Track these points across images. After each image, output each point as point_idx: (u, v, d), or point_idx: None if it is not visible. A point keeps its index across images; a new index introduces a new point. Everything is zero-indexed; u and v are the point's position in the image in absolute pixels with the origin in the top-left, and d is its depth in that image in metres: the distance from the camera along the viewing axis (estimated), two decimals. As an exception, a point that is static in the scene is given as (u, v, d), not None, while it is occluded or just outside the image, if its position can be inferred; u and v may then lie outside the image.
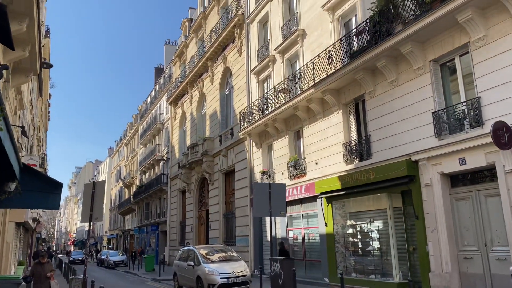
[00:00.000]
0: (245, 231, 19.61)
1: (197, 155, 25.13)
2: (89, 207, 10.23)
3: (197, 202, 27.48)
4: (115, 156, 67.70)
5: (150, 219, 39.32)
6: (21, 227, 17.08)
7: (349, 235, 13.44)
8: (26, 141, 17.79)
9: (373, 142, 12.44)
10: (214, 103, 25.32)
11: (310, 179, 15.08)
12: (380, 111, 12.24)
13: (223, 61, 23.98)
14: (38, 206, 9.49)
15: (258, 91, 19.83)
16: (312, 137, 15.33)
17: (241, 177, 20.73)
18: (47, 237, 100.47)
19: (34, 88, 21.43)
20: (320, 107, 14.70)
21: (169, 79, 37.20)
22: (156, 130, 39.85)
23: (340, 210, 13.91)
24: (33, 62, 10.82)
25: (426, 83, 10.81)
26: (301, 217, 15.89)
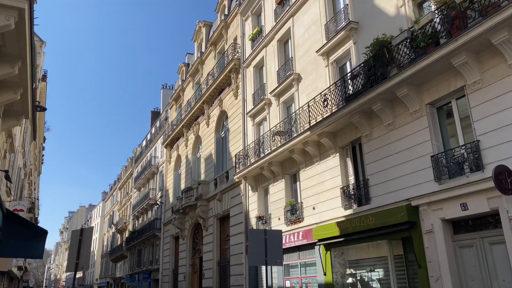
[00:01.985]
0: (240, 280, 18.76)
1: (191, 200, 24.60)
2: (75, 256, 9.67)
3: (190, 249, 26.58)
4: (109, 200, 66.58)
5: (142, 266, 37.96)
6: (5, 276, 16.25)
7: (349, 285, 12.79)
8: (15, 185, 17.33)
9: (371, 186, 12.13)
10: (209, 146, 25.15)
11: (308, 224, 14.60)
12: (377, 155, 12.04)
13: (219, 104, 24.07)
14: (21, 255, 8.99)
15: (254, 133, 19.73)
16: (309, 181, 15.01)
17: (236, 222, 20.14)
18: (35, 285, 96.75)
19: (28, 131, 21.25)
20: (317, 150, 14.50)
21: (165, 122, 37.28)
22: (151, 174, 39.40)
23: (339, 258, 13.33)
24: (24, 106, 10.67)
25: (423, 126, 10.69)
26: (299, 266, 15.23)
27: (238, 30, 22.98)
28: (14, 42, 8.09)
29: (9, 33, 7.71)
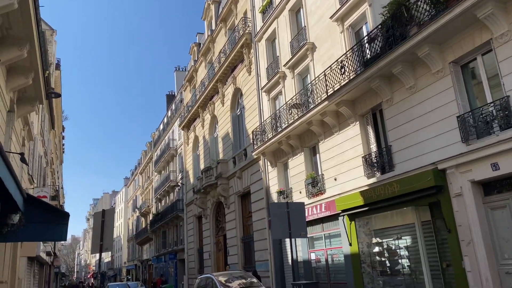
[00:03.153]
0: (265, 256, 18.80)
1: (212, 179, 24.61)
2: (99, 237, 9.70)
3: (214, 228, 26.78)
4: (131, 185, 67.68)
5: (168, 247, 38.63)
6: (34, 262, 16.64)
7: (376, 254, 12.58)
8: (37, 173, 17.56)
9: (394, 153, 11.74)
10: (226, 124, 24.96)
11: (330, 196, 14.36)
12: (399, 120, 11.60)
13: (233, 81, 23.72)
14: (45, 238, 8.99)
15: (269, 109, 19.39)
16: (329, 152, 14.69)
17: (257, 198, 20.07)
18: (67, 271, 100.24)
19: (46, 120, 21.41)
20: (336, 120, 14.11)
21: (181, 104, 37.20)
22: (170, 156, 39.63)
23: (364, 228, 13.10)
24: (37, 91, 10.60)
25: (447, 86, 10.17)
26: (323, 238, 15.08)
27: (248, 3, 22.37)
28: (19, 24, 7.92)
29: (14, 14, 7.53)
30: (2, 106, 8.90)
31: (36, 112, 16.55)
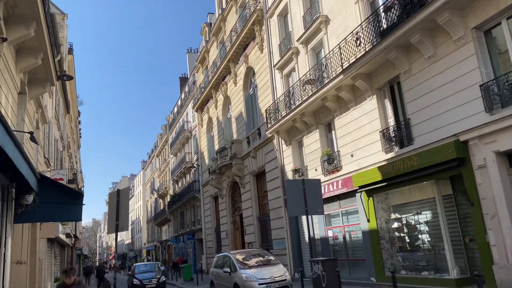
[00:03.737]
0: (282, 234, 18.76)
1: (226, 159, 24.54)
2: (114, 217, 9.69)
3: (230, 207, 26.87)
4: (148, 168, 68.44)
5: (186, 228, 39.10)
6: (55, 243, 16.94)
7: (395, 230, 12.34)
8: (54, 157, 17.71)
9: (413, 126, 11.35)
10: (239, 104, 24.70)
11: (347, 173, 14.09)
12: (418, 91, 11.16)
13: (245, 60, 23.33)
14: (60, 219, 9.04)
15: (283, 86, 19.02)
16: (345, 128, 14.35)
17: (272, 177, 19.92)
18: (90, 253, 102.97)
19: (60, 104, 21.50)
20: (351, 94, 13.71)
21: (194, 86, 37.01)
22: (185, 139, 39.73)
23: (383, 204, 12.84)
24: (48, 71, 10.49)
25: (469, 54, 9.68)
26: (340, 215, 14.89)
27: (258, -22, 21.76)
28: (25, 1, 7.74)
29: (18, -9, 7.34)
30: (13, 87, 8.82)
31: (50, 96, 16.57)
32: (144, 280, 20.30)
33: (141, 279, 20.38)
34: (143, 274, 21.15)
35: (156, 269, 22.42)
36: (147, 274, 21.11)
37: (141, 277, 20.59)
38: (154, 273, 21.28)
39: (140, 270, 22.08)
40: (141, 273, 21.25)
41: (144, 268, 22.73)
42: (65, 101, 23.15)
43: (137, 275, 20.83)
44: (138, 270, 21.97)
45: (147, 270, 21.98)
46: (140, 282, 20.05)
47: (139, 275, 20.91)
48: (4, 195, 7.68)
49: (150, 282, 20.34)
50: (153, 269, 22.23)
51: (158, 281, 20.71)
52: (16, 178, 7.96)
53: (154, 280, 20.56)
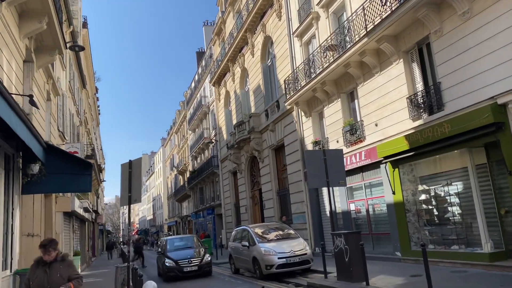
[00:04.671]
0: (302, 208, 18.28)
1: (244, 133, 24.02)
2: (127, 189, 9.31)
3: (249, 182, 26.51)
4: (168, 145, 68.79)
5: (205, 203, 39.18)
6: (72, 217, 16.92)
7: (422, 202, 11.64)
8: (69, 131, 17.50)
9: (444, 90, 10.47)
10: (256, 76, 23.95)
11: (370, 143, 13.35)
12: (450, 52, 10.22)
13: (262, 29, 22.43)
14: (69, 190, 8.72)
15: (302, 55, 18.15)
16: (368, 96, 13.52)
17: (291, 150, 19.32)
18: (113, 229, 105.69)
19: (75, 78, 21.20)
20: (376, 59, 12.82)
21: (210, 60, 36.29)
22: (203, 114, 39.34)
23: (409, 175, 12.11)
24: (55, 38, 9.99)
25: (510, 7, 8.68)
26: (363, 187, 14.23)
27: None
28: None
29: None
30: (17, 53, 8.37)
31: (63, 68, 16.21)
32: (181, 261, 14.38)
33: (176, 259, 14.49)
34: (178, 252, 15.22)
35: (196, 244, 16.42)
36: (184, 252, 15.14)
37: (175, 256, 14.69)
38: (192, 250, 15.43)
39: (173, 246, 16.09)
40: (175, 251, 15.40)
41: (179, 243, 16.51)
42: (81, 75, 22.85)
43: (169, 253, 15.06)
44: (171, 246, 15.97)
45: (183, 246, 16.01)
46: (175, 263, 14.35)
47: (172, 253, 15.11)
48: (9, 165, 7.34)
49: (190, 263, 14.32)
50: (191, 244, 16.27)
51: (201, 262, 14.51)
52: (22, 147, 7.63)
53: (195, 260, 14.50)
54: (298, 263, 12.26)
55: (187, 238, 17.51)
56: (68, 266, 4.80)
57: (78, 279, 4.77)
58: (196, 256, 14.87)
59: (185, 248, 15.74)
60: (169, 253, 15.08)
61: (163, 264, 14.84)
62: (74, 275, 4.77)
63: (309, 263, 12.52)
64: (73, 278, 4.72)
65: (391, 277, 9.57)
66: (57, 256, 4.77)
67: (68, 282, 4.66)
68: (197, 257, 14.79)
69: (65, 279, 4.67)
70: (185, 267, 14.25)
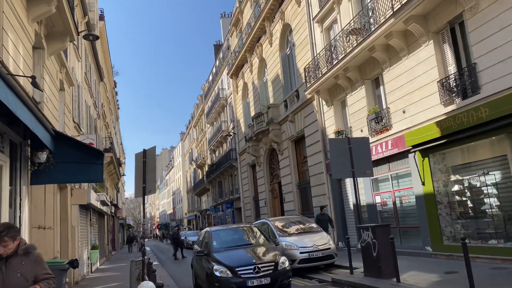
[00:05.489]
0: (323, 201, 17.60)
1: (263, 125, 23.44)
2: (141, 180, 8.86)
3: (268, 175, 25.95)
4: (186, 139, 68.83)
5: (224, 197, 38.88)
6: (90, 211, 16.72)
7: (455, 194, 10.85)
8: (86, 123, 17.26)
9: (480, 71, 9.63)
10: (275, 66, 23.28)
11: (397, 131, 12.58)
12: (487, 30, 9.38)
13: (281, 17, 21.73)
14: (80, 179, 8.32)
15: (323, 41, 17.40)
16: (395, 82, 12.73)
17: (312, 141, 18.65)
18: (135, 223, 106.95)
19: (92, 70, 20.99)
20: (403, 41, 12.02)
21: (228, 51, 35.76)
22: (220, 107, 38.94)
23: (440, 164, 11.31)
24: (66, 23, 9.58)
25: (559, -24, 7.82)
26: (390, 178, 13.48)
27: None
28: None
29: None
30: (25, 38, 7.97)
31: (78, 59, 15.93)
32: (242, 269, 8.33)
33: (233, 264, 8.44)
34: (233, 252, 9.12)
35: (258, 239, 10.19)
36: (242, 253, 9.03)
37: (230, 260, 8.63)
38: (255, 249, 9.36)
39: (223, 242, 9.85)
40: (228, 250, 9.25)
41: (232, 236, 10.31)
42: (97, 67, 22.64)
43: (218, 255, 8.98)
44: (219, 243, 9.74)
45: (239, 243, 9.78)
46: (231, 272, 8.33)
47: (223, 254, 9.01)
48: (16, 154, 6.96)
49: (257, 272, 8.26)
50: (251, 239, 10.14)
51: (275, 271, 8.40)
52: (30, 135, 7.25)
53: (264, 266, 8.41)
54: (322, 258, 11.68)
55: (243, 230, 10.92)
56: (35, 262, 3.50)
57: (48, 280, 3.51)
58: (264, 259, 8.59)
59: (243, 246, 9.49)
60: (217, 254, 8.92)
61: (209, 272, 8.52)
62: (43, 275, 3.50)
63: (333, 258, 11.91)
64: (41, 279, 3.45)
65: (424, 274, 8.87)
66: (17, 249, 3.50)
67: (34, 284, 3.42)
68: (266, 260, 8.47)
69: (29, 280, 3.39)
70: (250, 278, 8.17)
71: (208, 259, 9.00)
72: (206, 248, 9.60)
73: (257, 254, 8.96)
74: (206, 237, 10.32)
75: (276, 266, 8.45)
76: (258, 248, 9.39)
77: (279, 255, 8.84)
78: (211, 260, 8.83)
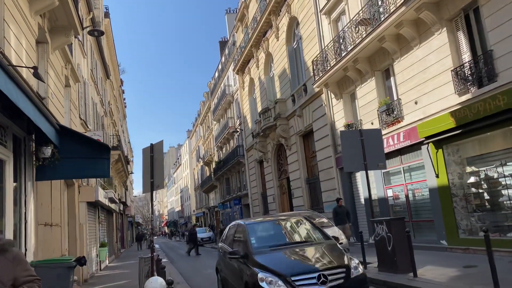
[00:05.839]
0: (333, 196, 17.31)
1: (270, 120, 23.17)
2: (149, 175, 8.67)
3: (276, 171, 25.71)
4: (193, 136, 68.76)
5: (232, 193, 38.71)
6: (98, 208, 16.60)
7: (471, 186, 10.54)
8: (93, 120, 17.13)
9: (497, 59, 9.30)
10: (282, 60, 22.99)
11: (409, 123, 12.26)
12: (504, 15, 9.03)
13: (287, 10, 21.41)
14: (86, 175, 8.17)
15: (331, 33, 17.08)
16: (406, 72, 12.40)
17: (321, 136, 18.36)
18: (144, 221, 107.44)
19: (98, 67, 20.86)
20: (415, 30, 11.69)
21: (234, 47, 35.49)
22: (227, 103, 38.72)
23: (455, 156, 10.99)
24: (69, 17, 9.40)
25: None
26: (402, 171, 13.17)
27: None
28: None
29: None
30: (27, 30, 7.79)
31: (84, 56, 15.78)
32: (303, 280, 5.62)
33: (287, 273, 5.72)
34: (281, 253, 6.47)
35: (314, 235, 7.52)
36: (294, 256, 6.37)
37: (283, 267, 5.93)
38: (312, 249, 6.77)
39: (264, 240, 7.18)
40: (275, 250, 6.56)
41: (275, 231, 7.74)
42: (104, 65, 22.52)
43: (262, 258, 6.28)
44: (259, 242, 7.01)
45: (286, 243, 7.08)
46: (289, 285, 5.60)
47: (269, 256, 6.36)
48: (20, 149, 6.79)
49: (324, 283, 5.58)
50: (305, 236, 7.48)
51: (347, 280, 5.78)
52: (35, 130, 7.08)
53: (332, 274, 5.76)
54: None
55: (290, 222, 8.00)
56: (13, 262, 2.71)
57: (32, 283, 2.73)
58: (330, 263, 6.10)
59: (294, 245, 6.87)
60: (260, 257, 6.39)
61: (250, 282, 6.06)
62: (25, 277, 2.72)
63: (346, 252, 11.61)
64: (23, 282, 2.69)
65: (441, 268, 8.59)
66: None
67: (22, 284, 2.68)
68: (333, 265, 5.98)
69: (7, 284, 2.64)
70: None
71: (246, 263, 6.43)
72: (242, 247, 6.89)
73: (318, 257, 6.33)
74: (239, 233, 7.63)
75: (348, 272, 5.86)
76: (317, 248, 6.73)
77: (349, 257, 6.28)
78: (251, 264, 6.24)
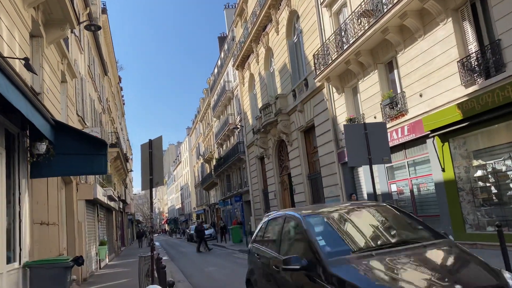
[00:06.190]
0: (335, 191, 17.11)
1: (271, 116, 22.91)
2: (148, 172, 8.42)
3: (277, 167, 25.46)
4: (193, 134, 68.49)
5: (233, 190, 38.49)
6: (97, 206, 16.37)
7: (478, 179, 10.29)
8: (91, 117, 16.87)
9: (505, 48, 9.04)
10: (282, 55, 22.69)
11: (414, 116, 12.01)
12: (512, 4, 8.77)
13: (287, 4, 21.11)
14: (83, 172, 7.90)
15: (332, 27, 16.79)
16: (410, 64, 12.13)
17: (322, 131, 18.10)
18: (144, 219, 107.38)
19: (96, 64, 20.57)
20: (419, 21, 11.41)
21: (233, 43, 35.16)
22: (227, 100, 38.42)
23: (461, 149, 10.74)
24: (64, 9, 9.12)
25: None
26: (406, 166, 12.93)
27: None
28: None
29: None
30: (20, 23, 7.52)
31: (81, 51, 15.50)
32: None
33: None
34: (376, 262, 3.67)
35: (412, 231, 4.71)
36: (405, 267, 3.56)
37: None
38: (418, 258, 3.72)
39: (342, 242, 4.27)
40: (364, 258, 3.76)
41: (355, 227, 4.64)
42: (101, 61, 22.23)
43: (349, 272, 3.54)
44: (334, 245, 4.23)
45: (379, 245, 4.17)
46: None
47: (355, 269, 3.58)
48: (14, 145, 6.53)
49: None
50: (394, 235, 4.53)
51: None
52: (29, 125, 6.83)
53: None
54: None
55: (373, 213, 5.11)
56: None
57: None
58: (468, 278, 3.43)
59: (398, 247, 4.07)
60: (342, 270, 3.67)
61: None
62: None
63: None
64: None
65: (449, 264, 8.32)
66: None
67: None
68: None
69: None
70: None
71: (313, 278, 3.99)
72: (302, 252, 4.33)
73: (454, 269, 3.82)
74: (292, 231, 5.03)
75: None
76: (437, 252, 4.13)
77: (498, 271, 3.65)
78: (326, 280, 3.81)
